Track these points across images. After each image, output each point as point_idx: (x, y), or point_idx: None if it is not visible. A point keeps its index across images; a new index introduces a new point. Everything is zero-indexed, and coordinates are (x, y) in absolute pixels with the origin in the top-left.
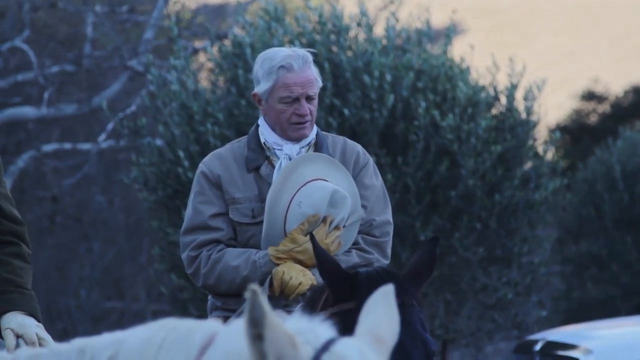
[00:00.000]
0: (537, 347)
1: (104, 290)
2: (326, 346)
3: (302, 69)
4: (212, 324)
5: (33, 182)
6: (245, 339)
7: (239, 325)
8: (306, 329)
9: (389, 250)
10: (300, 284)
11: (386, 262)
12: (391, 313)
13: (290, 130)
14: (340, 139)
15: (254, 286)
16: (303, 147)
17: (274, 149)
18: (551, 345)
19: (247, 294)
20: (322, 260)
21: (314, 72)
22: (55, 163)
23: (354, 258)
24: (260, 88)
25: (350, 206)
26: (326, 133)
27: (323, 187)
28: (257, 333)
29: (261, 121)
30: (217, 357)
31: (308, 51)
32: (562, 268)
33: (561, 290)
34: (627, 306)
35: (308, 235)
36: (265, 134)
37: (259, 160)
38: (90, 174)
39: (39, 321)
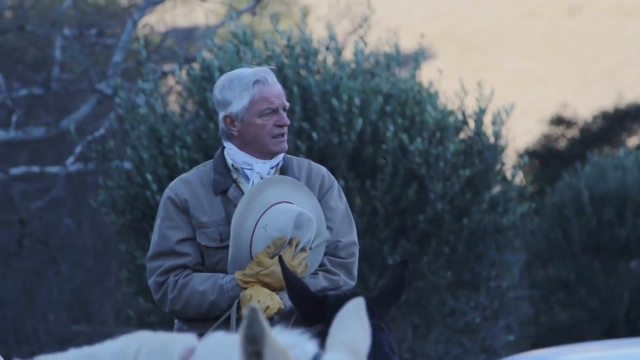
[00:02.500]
0: None
1: (72, 313)
2: None
3: (274, 82)
4: (188, 338)
5: (1, 205)
6: (241, 356)
7: (218, 340)
8: (294, 344)
9: (355, 272)
10: (268, 307)
11: (352, 283)
12: (363, 325)
13: (271, 145)
14: (305, 161)
15: (253, 304)
16: (272, 168)
17: (242, 169)
18: None
19: (246, 311)
20: (291, 283)
21: (281, 86)
22: (23, 186)
23: (321, 281)
24: (234, 107)
25: (316, 228)
26: (290, 156)
27: (288, 209)
28: (255, 350)
29: (227, 144)
30: None
31: (270, 68)
32: (530, 292)
33: (529, 315)
34: (594, 331)
35: (275, 258)
36: (234, 155)
37: (226, 183)
38: (58, 197)
39: None
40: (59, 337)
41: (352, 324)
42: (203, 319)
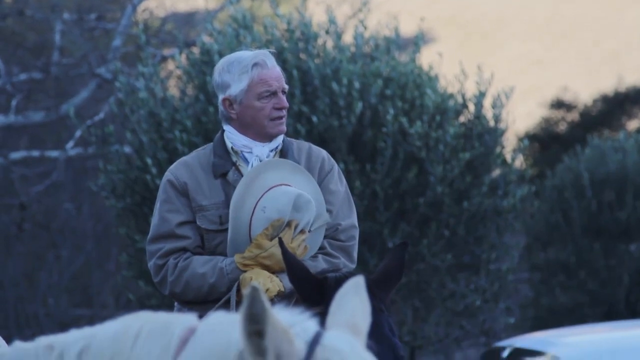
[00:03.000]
0: (505, 353)
1: (72, 297)
2: (316, 339)
3: (273, 65)
4: (189, 317)
5: (1, 189)
6: (242, 335)
7: (219, 319)
8: (294, 323)
9: (355, 255)
10: (267, 290)
11: (352, 266)
12: (363, 304)
13: (270, 127)
14: (305, 144)
15: (255, 283)
16: (272, 151)
17: (242, 152)
18: (519, 352)
19: (247, 290)
20: (291, 265)
21: (280, 69)
22: (24, 170)
23: (321, 263)
24: (232, 90)
25: (315, 210)
26: (291, 139)
27: (287, 191)
28: (256, 329)
29: (227, 127)
30: (199, 351)
31: (270, 52)
32: (530, 275)
33: (529, 297)
34: (594, 313)
35: (274, 240)
36: (233, 138)
37: (226, 166)
38: (58, 181)
39: None
40: (59, 320)
41: (352, 302)
42: (203, 301)
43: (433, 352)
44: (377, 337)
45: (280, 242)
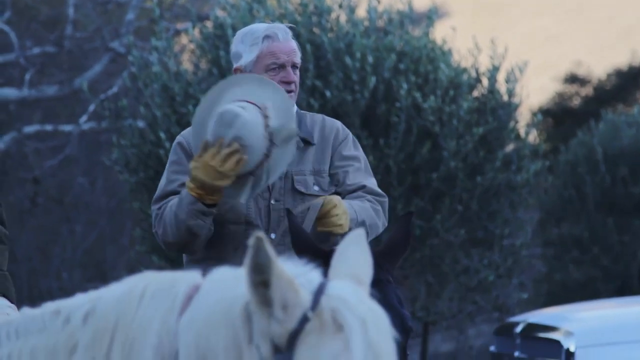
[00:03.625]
0: (518, 329)
1: (86, 272)
2: (321, 289)
3: (285, 38)
4: (193, 275)
5: (15, 163)
6: (248, 285)
7: (223, 274)
8: (298, 274)
9: (386, 215)
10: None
11: (385, 225)
12: (365, 255)
13: None
14: (319, 116)
15: (259, 232)
16: None
17: None
18: (532, 327)
19: (251, 240)
20: (297, 236)
21: (295, 44)
22: (37, 144)
23: (366, 205)
24: (243, 61)
25: (279, 121)
26: (304, 111)
27: (219, 111)
28: (262, 279)
29: None
30: (204, 306)
31: (287, 26)
32: (544, 250)
33: (542, 273)
34: (608, 288)
35: (196, 158)
36: None
37: None
38: (71, 155)
39: (12, 302)
40: (72, 295)
41: (353, 254)
42: (182, 241)
43: (446, 328)
44: (385, 308)
45: (288, 213)
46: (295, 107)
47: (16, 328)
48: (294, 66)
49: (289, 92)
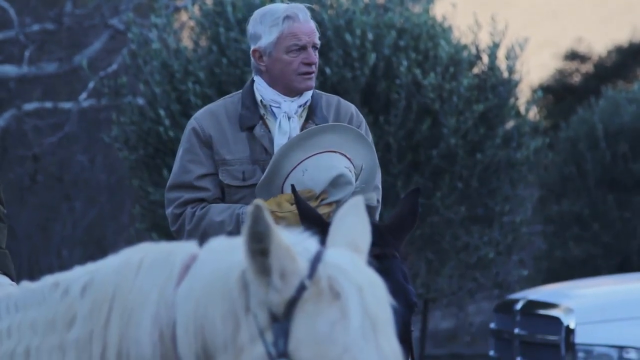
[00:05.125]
0: (518, 306)
1: (86, 249)
2: (318, 257)
3: (306, 19)
4: (191, 245)
5: (14, 141)
6: (246, 254)
7: (221, 244)
8: (295, 242)
9: (376, 216)
10: None
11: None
12: (363, 222)
13: (297, 82)
14: (334, 98)
15: (258, 200)
16: (300, 106)
17: (270, 106)
18: (532, 305)
19: (250, 208)
20: (304, 211)
21: (314, 25)
22: (37, 122)
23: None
24: (263, 42)
25: (361, 183)
26: (320, 92)
27: (333, 166)
28: (260, 247)
29: (257, 79)
30: (201, 275)
31: (306, 6)
32: (544, 227)
33: (543, 250)
34: (608, 265)
35: (294, 206)
36: (263, 91)
37: (253, 119)
38: (71, 132)
39: (12, 280)
40: None
41: (351, 222)
42: None
43: (446, 305)
44: (390, 283)
45: (294, 190)
46: (312, 89)
47: (15, 301)
48: (314, 47)
49: (309, 73)
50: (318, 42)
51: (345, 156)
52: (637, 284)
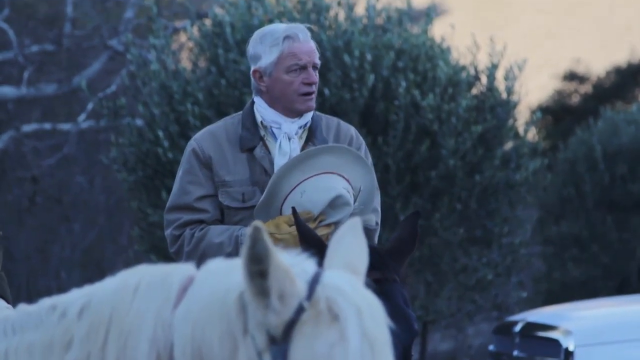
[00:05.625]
0: (517, 328)
1: (85, 271)
2: (316, 279)
3: (306, 39)
4: (187, 267)
5: (13, 162)
6: (244, 276)
7: (218, 265)
8: (293, 263)
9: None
10: None
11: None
12: (360, 244)
13: (298, 103)
14: (334, 120)
15: (257, 222)
16: (301, 127)
17: (271, 127)
18: (531, 326)
19: (249, 230)
20: (304, 234)
21: (315, 45)
22: (35, 143)
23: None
24: (263, 62)
25: (360, 204)
26: (320, 114)
27: (331, 187)
28: (259, 269)
29: (257, 99)
30: (199, 297)
31: (305, 26)
32: (543, 249)
33: (542, 271)
34: (607, 287)
35: (292, 227)
36: (263, 112)
37: (254, 140)
38: (70, 154)
39: (8, 302)
40: None
41: (349, 243)
42: None
43: (445, 327)
44: (391, 307)
45: (294, 212)
46: (313, 110)
47: (13, 324)
48: (314, 67)
49: (309, 93)
50: (318, 62)
51: (344, 177)
52: (636, 306)
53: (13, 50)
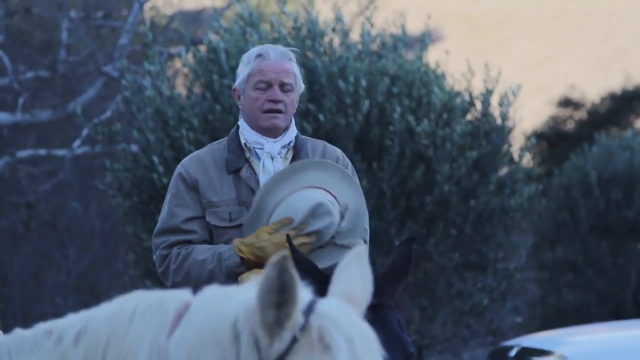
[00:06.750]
0: (512, 353)
1: (80, 296)
2: (311, 308)
3: (278, 58)
4: (183, 293)
5: (8, 188)
6: (262, 306)
7: (214, 292)
8: None
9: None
10: None
11: None
12: (364, 274)
13: (262, 120)
14: (320, 143)
15: (284, 252)
16: (284, 147)
17: (254, 148)
18: (526, 352)
19: (275, 259)
20: (299, 260)
21: (293, 66)
22: (30, 169)
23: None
24: (238, 81)
25: (348, 224)
26: (306, 137)
27: (313, 197)
28: (281, 299)
29: (241, 122)
30: (194, 324)
31: (291, 50)
32: (538, 274)
33: (537, 297)
34: (602, 312)
35: (273, 235)
36: (246, 134)
37: (239, 162)
38: (65, 180)
39: (0, 329)
40: None
41: (352, 272)
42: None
43: (440, 352)
44: (387, 333)
45: (288, 239)
46: (296, 132)
47: (8, 349)
48: (282, 85)
49: (275, 111)
50: (289, 82)
51: (330, 193)
52: (631, 331)
53: (8, 76)
